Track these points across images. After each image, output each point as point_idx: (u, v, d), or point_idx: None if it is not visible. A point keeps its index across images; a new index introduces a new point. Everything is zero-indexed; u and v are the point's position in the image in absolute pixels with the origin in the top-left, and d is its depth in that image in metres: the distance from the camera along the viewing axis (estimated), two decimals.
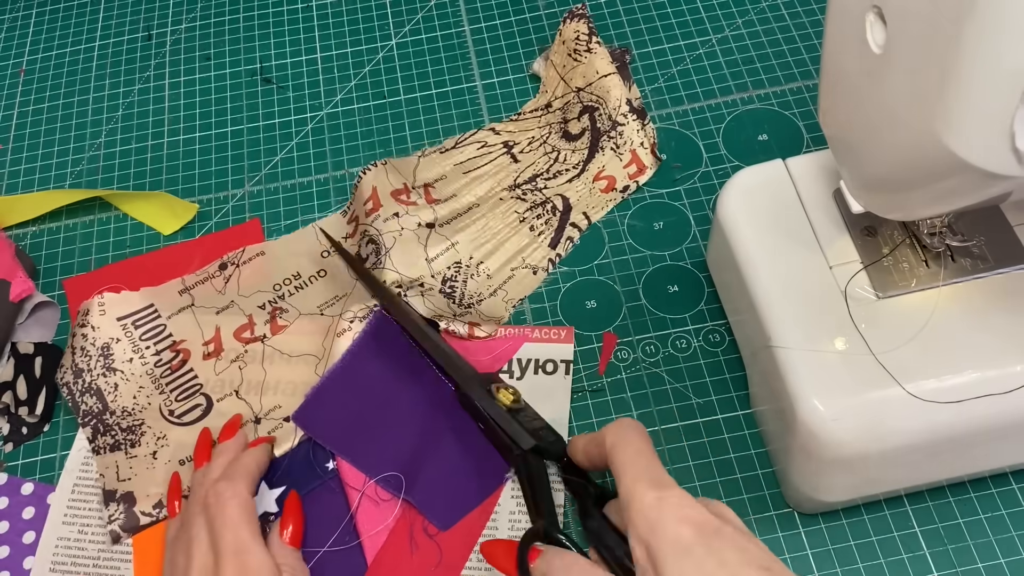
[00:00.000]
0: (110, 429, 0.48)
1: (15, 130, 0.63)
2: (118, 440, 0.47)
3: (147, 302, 0.52)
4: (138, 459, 0.47)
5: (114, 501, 0.45)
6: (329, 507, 0.45)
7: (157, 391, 0.49)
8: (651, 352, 0.49)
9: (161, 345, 0.51)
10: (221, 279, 0.53)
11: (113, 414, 0.48)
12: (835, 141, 0.39)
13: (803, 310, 0.39)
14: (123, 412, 0.48)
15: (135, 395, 0.49)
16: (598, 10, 0.64)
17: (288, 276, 0.53)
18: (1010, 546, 0.42)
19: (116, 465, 0.47)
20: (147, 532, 0.45)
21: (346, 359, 0.48)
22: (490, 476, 0.45)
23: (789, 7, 0.62)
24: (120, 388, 0.49)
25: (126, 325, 0.51)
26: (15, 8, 0.69)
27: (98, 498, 0.46)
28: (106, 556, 0.45)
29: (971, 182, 0.29)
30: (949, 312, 0.38)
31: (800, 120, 0.57)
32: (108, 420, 0.48)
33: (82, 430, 0.48)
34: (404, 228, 0.50)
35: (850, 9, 0.33)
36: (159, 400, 0.49)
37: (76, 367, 0.49)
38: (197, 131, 0.61)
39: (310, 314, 0.51)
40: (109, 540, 0.45)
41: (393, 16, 0.65)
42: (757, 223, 0.42)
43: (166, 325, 0.51)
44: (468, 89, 0.61)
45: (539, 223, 0.52)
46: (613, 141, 0.54)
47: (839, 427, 0.36)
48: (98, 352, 0.49)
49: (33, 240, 0.57)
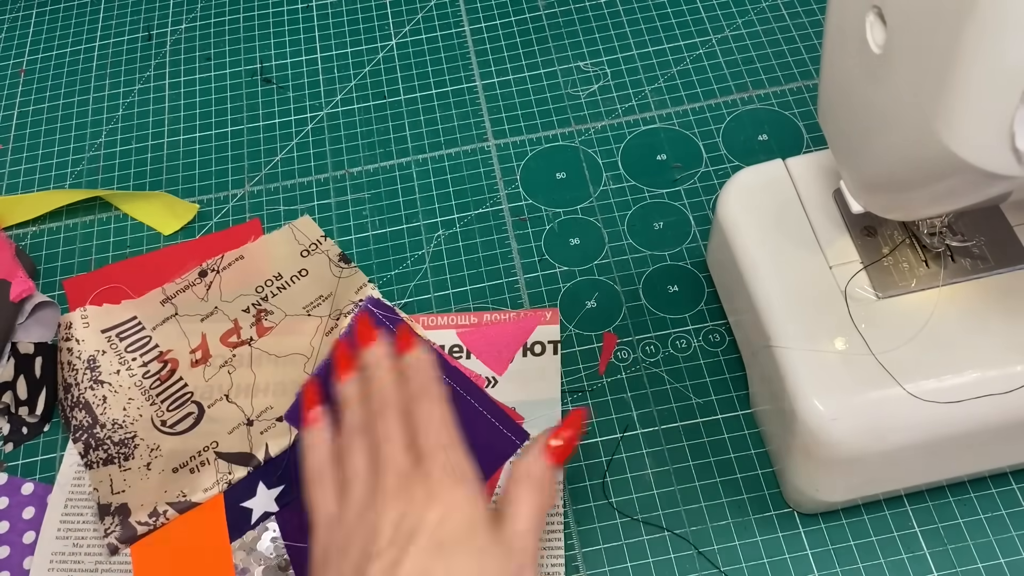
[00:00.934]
0: (102, 443, 0.48)
1: (15, 130, 0.63)
2: (111, 454, 0.47)
3: (130, 314, 0.52)
4: (132, 471, 0.47)
5: (109, 514, 0.45)
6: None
7: (148, 403, 0.49)
8: (651, 352, 0.49)
9: (148, 356, 0.51)
10: (203, 286, 0.53)
11: (104, 427, 0.48)
12: (835, 141, 0.39)
13: (803, 310, 0.39)
14: (114, 425, 0.48)
15: (125, 407, 0.49)
16: (598, 10, 0.64)
17: (269, 277, 0.53)
18: (1010, 546, 0.42)
19: (110, 478, 0.46)
20: (145, 540, 0.45)
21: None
22: (493, 456, 0.45)
23: (789, 7, 0.62)
24: (109, 400, 0.49)
25: (111, 337, 0.51)
26: (15, 8, 0.69)
27: (92, 511, 0.46)
28: (104, 568, 0.44)
29: (971, 182, 0.29)
30: (949, 312, 0.38)
31: (800, 120, 0.57)
32: (99, 434, 0.48)
33: (73, 445, 0.48)
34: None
35: (850, 9, 0.33)
36: (150, 411, 0.49)
37: (64, 381, 0.49)
38: (197, 131, 0.61)
39: (296, 315, 0.51)
40: (107, 552, 0.44)
41: (393, 16, 0.65)
42: (757, 223, 0.42)
43: (151, 336, 0.51)
44: (468, 89, 0.61)
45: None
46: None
47: (839, 427, 0.36)
48: (84, 365, 0.49)
49: (33, 240, 0.57)
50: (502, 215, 0.55)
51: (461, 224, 0.55)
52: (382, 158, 0.58)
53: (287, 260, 0.54)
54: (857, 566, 0.42)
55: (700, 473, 0.45)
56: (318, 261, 0.53)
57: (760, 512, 0.43)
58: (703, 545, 0.43)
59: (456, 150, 0.58)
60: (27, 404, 0.49)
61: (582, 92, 0.60)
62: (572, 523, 0.44)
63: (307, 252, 0.54)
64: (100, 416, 0.48)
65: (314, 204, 0.56)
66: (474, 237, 0.54)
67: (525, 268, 0.52)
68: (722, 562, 0.42)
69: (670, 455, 0.45)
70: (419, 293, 0.52)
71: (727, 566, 0.42)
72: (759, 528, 0.43)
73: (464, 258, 0.53)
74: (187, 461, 0.47)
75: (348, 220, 0.55)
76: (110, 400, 0.49)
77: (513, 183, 0.56)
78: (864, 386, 0.37)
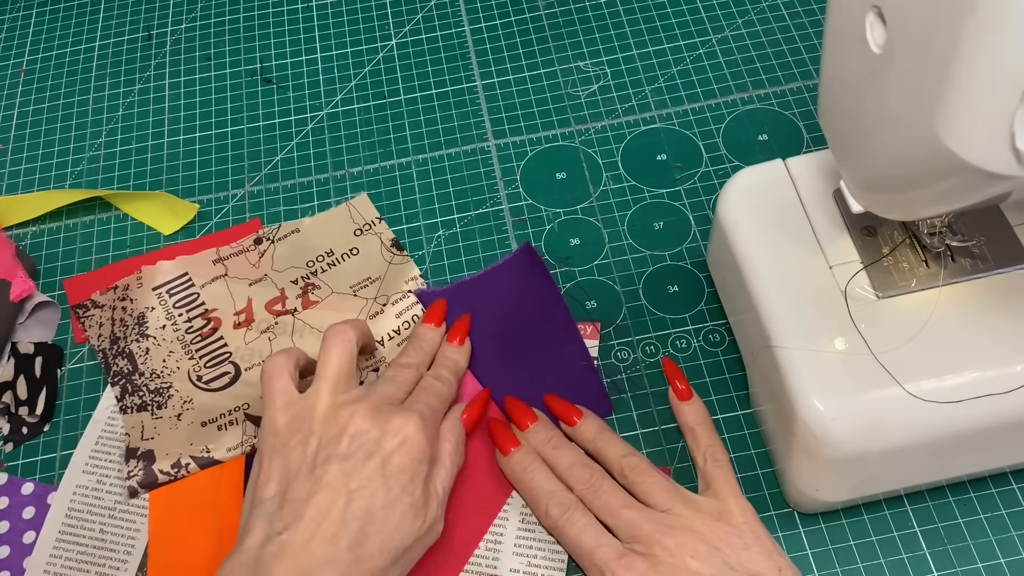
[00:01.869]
0: (138, 390, 0.49)
1: (15, 130, 0.63)
2: (145, 401, 0.49)
3: (182, 270, 0.53)
4: (163, 420, 0.48)
5: (135, 458, 0.47)
6: None
7: (187, 356, 0.50)
8: (651, 352, 0.49)
9: (193, 312, 0.52)
10: (256, 253, 0.54)
11: (143, 375, 0.49)
12: (835, 141, 0.39)
13: (803, 310, 0.39)
14: (152, 374, 0.49)
15: (165, 359, 0.50)
16: (598, 10, 0.64)
17: (321, 253, 0.54)
18: (1010, 546, 0.42)
19: (142, 425, 0.48)
20: (164, 489, 0.46)
21: (488, 271, 0.51)
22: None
23: (789, 7, 0.62)
24: (151, 352, 0.50)
25: (161, 294, 0.52)
26: (15, 8, 0.69)
27: (120, 452, 0.47)
28: (122, 508, 0.46)
29: (971, 182, 0.29)
30: (949, 312, 0.38)
31: (800, 120, 0.57)
32: (137, 381, 0.49)
33: (111, 388, 0.49)
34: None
35: (850, 9, 0.33)
36: (188, 365, 0.50)
37: (113, 335, 0.51)
38: (197, 131, 0.61)
39: (342, 293, 0.52)
40: (126, 494, 0.46)
41: (393, 16, 0.65)
42: (757, 223, 0.42)
43: (199, 293, 0.52)
44: (468, 89, 0.61)
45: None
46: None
47: (839, 427, 0.36)
48: (134, 321, 0.51)
49: (33, 240, 0.57)
50: (502, 215, 0.55)
51: (461, 224, 0.55)
52: (382, 158, 0.58)
53: (341, 237, 0.54)
54: (857, 566, 0.42)
55: None
56: (370, 242, 0.54)
57: (760, 512, 0.43)
58: None
59: (456, 150, 0.58)
60: (27, 404, 0.49)
61: (582, 92, 0.60)
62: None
63: (360, 231, 0.54)
64: (140, 366, 0.50)
65: (314, 204, 0.56)
66: (474, 237, 0.54)
67: None
68: None
69: (670, 455, 0.45)
70: None
71: None
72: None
73: (464, 258, 0.53)
74: (216, 418, 0.48)
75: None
76: (152, 352, 0.50)
77: (513, 183, 0.56)
78: (864, 386, 0.37)
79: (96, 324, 0.52)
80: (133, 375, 0.50)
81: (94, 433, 0.49)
